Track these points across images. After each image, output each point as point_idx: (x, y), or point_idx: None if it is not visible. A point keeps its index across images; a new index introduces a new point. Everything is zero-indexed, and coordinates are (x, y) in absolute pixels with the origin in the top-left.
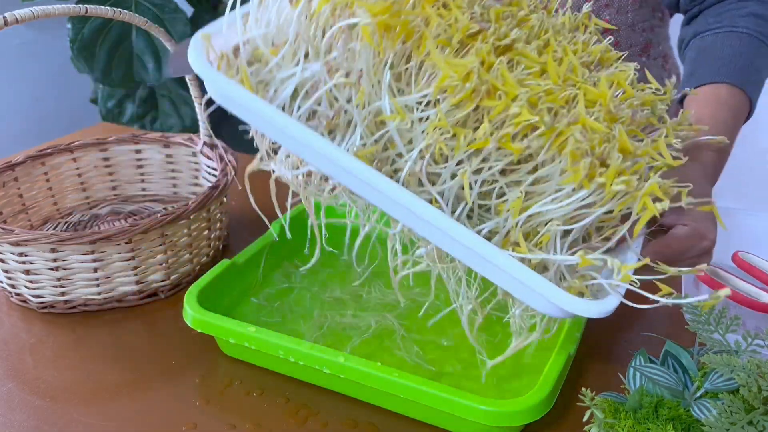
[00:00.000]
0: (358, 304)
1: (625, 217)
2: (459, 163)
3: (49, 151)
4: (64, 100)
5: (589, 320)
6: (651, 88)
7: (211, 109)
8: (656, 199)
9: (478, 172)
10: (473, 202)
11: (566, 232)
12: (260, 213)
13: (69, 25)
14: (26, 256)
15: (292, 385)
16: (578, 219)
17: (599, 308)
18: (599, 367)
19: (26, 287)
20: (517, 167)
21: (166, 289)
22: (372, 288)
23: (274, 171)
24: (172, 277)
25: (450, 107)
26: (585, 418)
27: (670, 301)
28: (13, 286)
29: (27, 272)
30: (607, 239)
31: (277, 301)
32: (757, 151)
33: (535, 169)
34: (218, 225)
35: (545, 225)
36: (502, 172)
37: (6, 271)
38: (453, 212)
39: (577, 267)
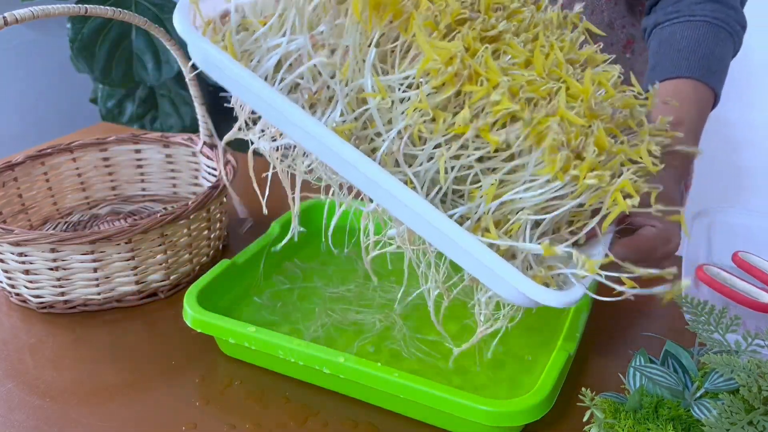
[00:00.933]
0: (361, 302)
1: (595, 213)
2: (437, 146)
3: (48, 151)
4: (64, 100)
5: (589, 320)
6: (633, 91)
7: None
8: (628, 196)
9: (455, 157)
10: (447, 187)
11: (537, 224)
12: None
13: (69, 25)
14: (26, 256)
15: (292, 385)
16: (550, 210)
17: (562, 298)
18: (599, 367)
19: (26, 287)
20: (494, 155)
21: (166, 289)
22: (375, 286)
23: (252, 143)
24: (171, 277)
25: (431, 90)
26: (585, 418)
27: (633, 290)
28: (12, 286)
29: (27, 272)
30: (575, 233)
31: (277, 301)
32: (758, 151)
33: (511, 158)
34: (218, 225)
35: (517, 214)
36: (479, 159)
37: (6, 271)
38: (427, 195)
39: (544, 257)
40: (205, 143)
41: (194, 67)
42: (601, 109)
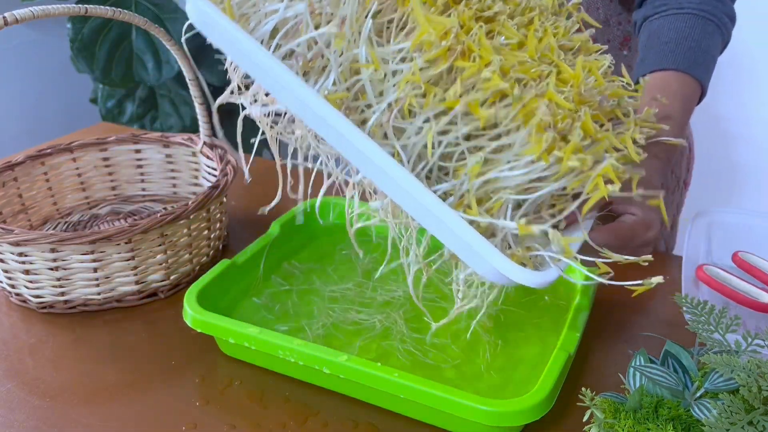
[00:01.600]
0: (361, 302)
1: (577, 198)
2: (426, 121)
3: (48, 151)
4: (64, 100)
5: (589, 320)
6: (623, 82)
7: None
8: (609, 182)
9: (443, 133)
10: (434, 163)
11: (519, 204)
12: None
13: (69, 25)
14: (26, 256)
15: (292, 385)
16: (532, 191)
17: (537, 279)
18: (599, 367)
19: (26, 287)
20: (481, 133)
21: (166, 289)
22: (375, 286)
23: (243, 107)
24: (171, 277)
25: (425, 64)
26: (585, 418)
27: (605, 280)
28: (12, 286)
29: (27, 272)
30: (554, 215)
31: (277, 301)
32: (758, 152)
33: (498, 137)
34: (218, 225)
35: (499, 193)
36: (467, 137)
37: (6, 271)
38: (413, 169)
39: (523, 238)
40: (205, 143)
41: (191, 27)
42: (589, 95)
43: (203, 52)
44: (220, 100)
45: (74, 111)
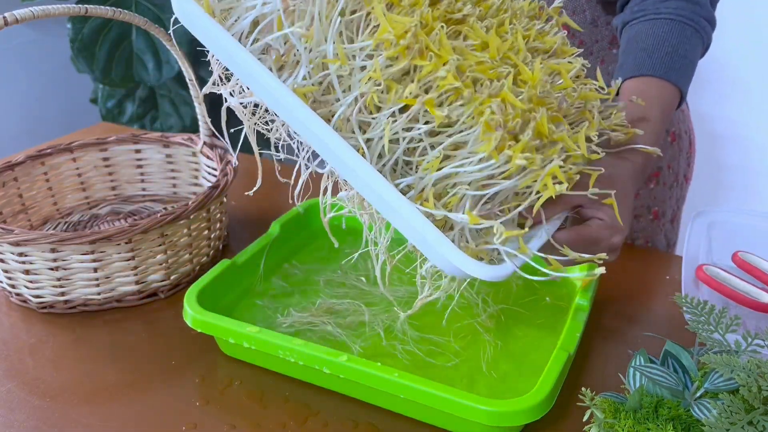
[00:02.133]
0: (361, 302)
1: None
2: (392, 116)
3: (49, 151)
4: (64, 100)
5: (589, 320)
6: (595, 85)
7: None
8: (558, 182)
9: (408, 129)
10: (398, 157)
11: (476, 201)
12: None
13: (69, 25)
14: (26, 256)
15: (292, 385)
16: (488, 188)
17: (489, 272)
18: (599, 367)
19: (26, 287)
20: (442, 130)
21: (166, 289)
22: (375, 286)
23: (225, 99)
24: (172, 277)
25: (387, 61)
26: (585, 418)
27: (555, 273)
28: (13, 286)
29: (27, 272)
30: (508, 211)
31: (277, 301)
32: (758, 152)
33: (454, 134)
34: (218, 225)
35: (456, 188)
36: (430, 132)
37: (6, 271)
38: (378, 162)
39: (481, 233)
40: (205, 143)
41: (177, 21)
42: (547, 96)
43: (203, 52)
44: (204, 90)
45: (74, 111)
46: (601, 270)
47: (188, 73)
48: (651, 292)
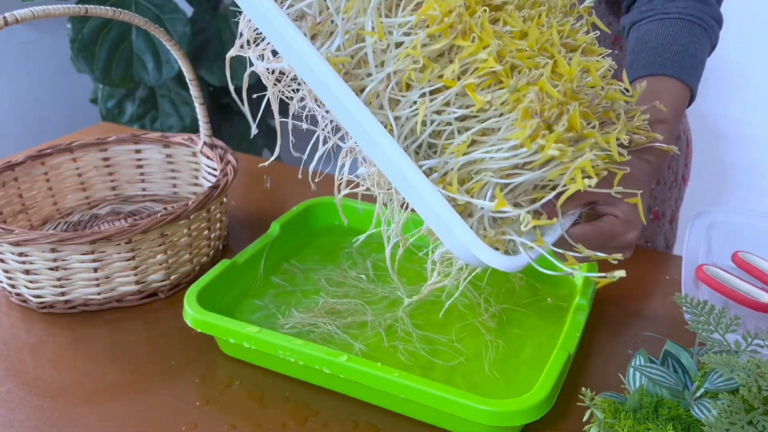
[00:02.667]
0: (362, 302)
1: (559, 195)
2: (422, 96)
3: (49, 151)
4: (64, 100)
5: (589, 320)
6: (620, 86)
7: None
8: (587, 176)
9: (438, 112)
10: (423, 139)
11: (500, 189)
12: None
13: (69, 25)
14: (26, 256)
15: (292, 385)
16: (514, 178)
17: (505, 262)
18: (599, 367)
19: (26, 287)
20: (472, 114)
21: (166, 289)
22: (376, 285)
23: (251, 63)
24: (172, 277)
25: (426, 39)
26: (585, 418)
27: (571, 270)
28: (13, 286)
29: (27, 272)
30: (534, 201)
31: (277, 301)
32: (761, 151)
33: (486, 120)
34: (218, 225)
35: (481, 174)
36: (459, 117)
37: (6, 271)
38: (404, 142)
39: (500, 223)
40: (205, 143)
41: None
42: (581, 92)
43: (203, 52)
44: (231, 53)
45: (74, 111)
46: (621, 273)
47: (188, 73)
48: (651, 292)
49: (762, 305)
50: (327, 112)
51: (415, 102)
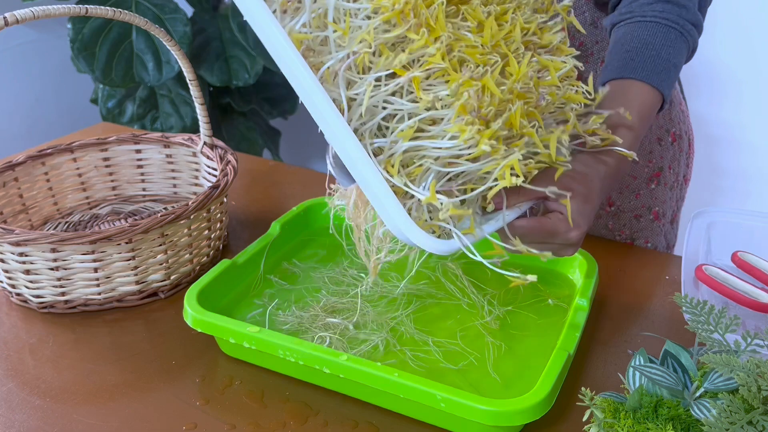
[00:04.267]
0: (362, 302)
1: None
2: (378, 79)
3: (49, 151)
4: (64, 100)
5: (589, 320)
6: (583, 89)
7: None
8: (515, 174)
9: (392, 94)
10: (375, 122)
11: (440, 177)
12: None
13: (69, 25)
14: (26, 256)
15: (292, 385)
16: (454, 167)
17: (435, 245)
18: (599, 366)
19: (26, 287)
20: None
21: (166, 289)
22: (376, 284)
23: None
24: (172, 277)
25: (384, 26)
26: (585, 418)
27: (492, 261)
28: (13, 286)
29: (27, 272)
30: (466, 192)
31: (278, 301)
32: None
33: (427, 109)
34: (218, 225)
35: (422, 160)
36: (411, 101)
37: (6, 271)
38: (356, 121)
39: (439, 207)
40: (205, 143)
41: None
42: (528, 91)
43: (204, 52)
44: None
45: (74, 111)
46: (533, 278)
47: (188, 73)
48: (651, 292)
49: (761, 305)
50: None
51: (370, 84)
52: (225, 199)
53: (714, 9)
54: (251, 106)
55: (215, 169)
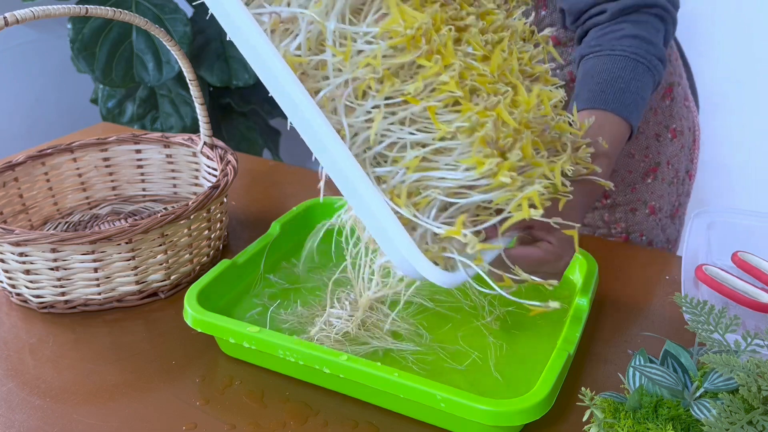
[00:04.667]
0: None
1: (500, 213)
2: (375, 107)
3: (49, 151)
4: (64, 100)
5: (589, 320)
6: (569, 118)
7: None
8: (533, 206)
9: (393, 123)
10: (376, 151)
11: (445, 207)
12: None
13: (69, 25)
14: (26, 256)
15: (292, 385)
16: (460, 197)
17: (445, 278)
18: (599, 366)
19: (26, 287)
20: (427, 131)
21: (166, 289)
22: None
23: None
24: (172, 277)
25: (389, 51)
26: (585, 418)
27: (505, 294)
28: (13, 286)
29: (27, 272)
30: (475, 225)
31: (278, 301)
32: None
33: (442, 140)
34: (218, 225)
35: (428, 191)
36: (413, 131)
37: (6, 271)
38: (354, 149)
39: (441, 238)
40: (205, 143)
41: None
42: (535, 122)
43: (204, 52)
44: None
45: (74, 111)
46: (556, 305)
47: (189, 74)
48: (651, 292)
49: (762, 305)
50: None
51: (369, 111)
52: (225, 199)
53: (715, 8)
54: (251, 106)
55: (215, 169)
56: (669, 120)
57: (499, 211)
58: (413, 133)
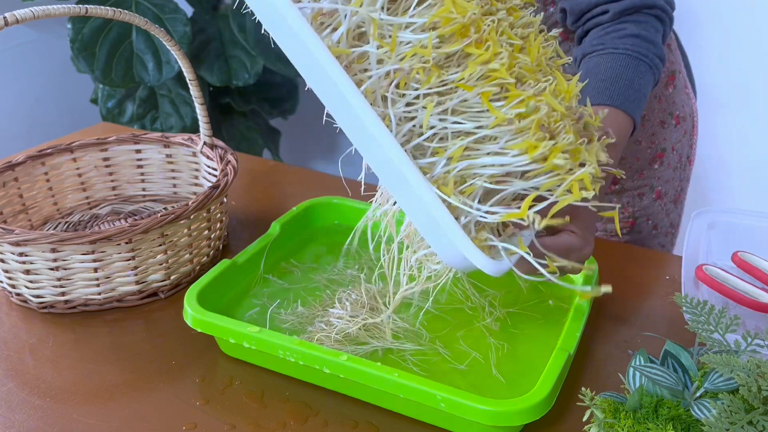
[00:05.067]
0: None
1: (542, 201)
2: (417, 98)
3: (49, 151)
4: (64, 100)
5: (589, 320)
6: (587, 112)
7: None
8: (583, 188)
9: (439, 113)
10: (418, 141)
11: (488, 194)
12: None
13: (69, 25)
14: (26, 256)
15: (292, 385)
16: (502, 184)
17: (494, 266)
18: (599, 366)
19: (26, 287)
20: (475, 120)
21: (166, 289)
22: (376, 284)
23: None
24: (172, 277)
25: (436, 41)
26: (585, 418)
27: (554, 279)
28: (13, 286)
29: (27, 272)
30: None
31: (278, 301)
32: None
33: (494, 127)
34: (218, 225)
35: (474, 179)
36: (456, 120)
37: (6, 271)
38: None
39: (482, 227)
40: (205, 143)
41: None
42: (574, 110)
43: (203, 52)
44: None
45: (74, 111)
46: (608, 288)
47: (188, 73)
48: (651, 292)
49: (762, 305)
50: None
51: (409, 103)
52: (225, 199)
53: (716, 7)
54: (251, 106)
55: (215, 169)
56: (672, 107)
57: (539, 199)
58: (459, 122)
